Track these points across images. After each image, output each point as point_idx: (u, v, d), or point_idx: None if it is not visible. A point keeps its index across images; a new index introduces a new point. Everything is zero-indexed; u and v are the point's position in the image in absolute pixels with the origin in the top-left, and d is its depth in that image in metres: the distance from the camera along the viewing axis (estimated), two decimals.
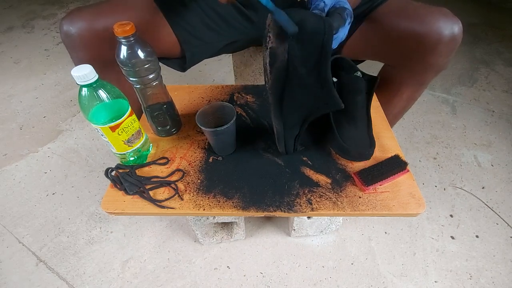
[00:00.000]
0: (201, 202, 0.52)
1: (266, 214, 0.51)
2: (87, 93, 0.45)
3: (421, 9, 0.58)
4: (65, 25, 0.55)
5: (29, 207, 0.90)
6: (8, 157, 1.05)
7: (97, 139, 1.10)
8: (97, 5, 0.58)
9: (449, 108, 1.21)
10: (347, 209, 0.51)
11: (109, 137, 0.51)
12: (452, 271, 0.75)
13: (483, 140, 1.07)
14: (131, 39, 0.46)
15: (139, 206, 0.52)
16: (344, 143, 0.56)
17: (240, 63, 0.95)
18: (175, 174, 0.56)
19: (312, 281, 0.73)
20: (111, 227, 0.85)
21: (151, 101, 0.57)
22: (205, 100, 0.73)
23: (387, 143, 0.61)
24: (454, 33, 0.56)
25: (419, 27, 0.56)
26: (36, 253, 0.80)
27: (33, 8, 2.04)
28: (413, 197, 0.52)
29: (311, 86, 0.48)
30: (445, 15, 0.56)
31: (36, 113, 1.23)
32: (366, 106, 0.60)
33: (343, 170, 0.56)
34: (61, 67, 1.50)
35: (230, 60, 0.97)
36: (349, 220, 0.85)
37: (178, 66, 0.74)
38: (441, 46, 0.56)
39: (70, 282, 0.74)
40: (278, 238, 0.81)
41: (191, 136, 0.64)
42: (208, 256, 0.78)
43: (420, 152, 1.03)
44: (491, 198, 0.89)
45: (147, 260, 0.78)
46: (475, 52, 1.51)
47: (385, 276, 0.74)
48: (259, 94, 0.74)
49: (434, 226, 0.83)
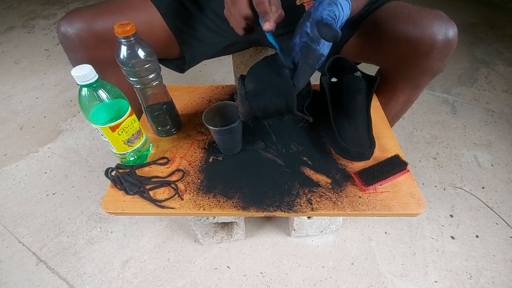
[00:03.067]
0: (201, 202, 0.52)
1: (266, 214, 0.51)
2: (87, 93, 0.45)
3: (416, 13, 0.56)
4: (63, 26, 0.55)
5: (29, 207, 0.90)
6: (8, 157, 1.05)
7: (97, 139, 1.10)
8: (95, 6, 0.58)
9: (449, 108, 1.21)
10: (347, 209, 0.51)
11: (109, 137, 0.51)
12: (452, 271, 0.75)
13: (483, 140, 1.07)
14: (131, 39, 0.46)
15: (139, 206, 0.52)
16: (344, 143, 0.56)
17: (240, 63, 0.95)
18: (175, 174, 0.56)
19: (312, 281, 0.73)
20: (111, 227, 0.85)
21: (151, 101, 0.57)
22: (205, 100, 0.73)
23: (387, 143, 0.61)
24: (449, 37, 0.54)
25: (413, 32, 0.55)
26: (36, 253, 0.80)
27: (33, 8, 2.04)
28: (413, 197, 0.52)
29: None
30: (439, 19, 0.55)
31: (36, 113, 1.23)
32: (366, 106, 0.60)
33: (343, 170, 0.56)
34: (61, 67, 1.50)
35: (230, 60, 0.97)
36: (349, 220, 0.85)
37: (176, 67, 0.73)
38: (435, 50, 0.55)
39: (70, 282, 0.74)
40: (278, 238, 0.81)
41: (191, 136, 0.64)
42: (208, 256, 0.78)
43: (420, 152, 1.04)
44: (491, 198, 0.89)
45: (147, 260, 0.78)
46: (475, 52, 1.51)
47: (385, 276, 0.74)
48: None
49: (434, 226, 0.83)
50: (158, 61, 0.54)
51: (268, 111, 0.46)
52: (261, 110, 0.46)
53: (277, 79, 0.45)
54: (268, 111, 0.47)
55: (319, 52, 0.44)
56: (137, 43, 0.47)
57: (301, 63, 0.45)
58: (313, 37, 0.43)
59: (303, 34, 0.44)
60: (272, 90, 0.45)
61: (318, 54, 0.44)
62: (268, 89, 0.45)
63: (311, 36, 0.43)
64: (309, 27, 0.43)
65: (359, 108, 0.59)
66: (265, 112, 0.47)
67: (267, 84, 0.46)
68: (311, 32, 0.43)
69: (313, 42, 0.43)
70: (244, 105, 0.46)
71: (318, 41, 0.43)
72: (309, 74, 0.46)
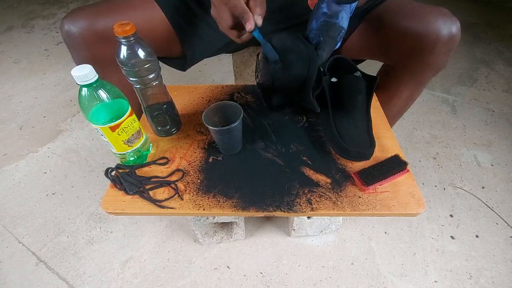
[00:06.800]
0: (201, 202, 0.52)
1: (266, 214, 0.51)
2: (87, 93, 0.45)
3: (420, 8, 0.58)
4: (66, 24, 0.55)
5: (29, 207, 0.90)
6: (8, 157, 1.05)
7: (97, 139, 1.10)
8: (98, 5, 0.58)
9: (449, 108, 1.21)
10: (347, 209, 0.51)
11: (109, 137, 0.51)
12: (452, 271, 0.75)
13: (483, 140, 1.07)
14: (131, 39, 0.46)
15: (139, 206, 0.52)
16: (344, 143, 0.56)
17: (240, 63, 0.95)
18: (175, 174, 0.56)
19: (312, 281, 0.73)
20: (111, 227, 0.85)
21: (151, 101, 0.57)
22: (205, 100, 0.73)
23: (387, 143, 0.61)
24: (452, 32, 0.56)
25: (418, 27, 0.56)
26: (36, 253, 0.80)
27: (33, 8, 2.04)
28: (413, 197, 0.52)
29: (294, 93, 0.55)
30: (443, 15, 0.56)
31: (36, 113, 1.23)
32: (366, 106, 0.60)
33: (343, 170, 0.56)
34: (61, 67, 1.50)
35: (230, 60, 0.97)
36: (349, 220, 0.85)
37: (178, 66, 0.74)
38: (439, 45, 0.57)
39: (70, 282, 0.74)
40: (278, 238, 0.81)
41: (191, 136, 0.64)
42: (208, 256, 0.78)
43: (420, 152, 1.03)
44: (491, 198, 0.89)
45: (147, 260, 0.78)
46: (475, 52, 1.51)
47: (385, 276, 0.74)
48: (259, 94, 0.74)
49: (434, 226, 0.83)
50: (159, 60, 0.54)
51: (290, 73, 0.50)
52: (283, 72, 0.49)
53: (302, 46, 0.48)
54: (290, 74, 0.50)
55: (339, 25, 0.50)
56: (137, 43, 0.47)
57: (323, 37, 0.50)
58: (331, 13, 0.50)
59: (319, 16, 0.50)
60: (298, 54, 0.48)
61: (338, 26, 0.50)
62: (294, 51, 0.49)
63: (329, 14, 0.49)
64: (325, 7, 0.49)
65: (359, 108, 0.59)
66: (285, 75, 0.50)
67: (292, 47, 0.49)
68: (329, 10, 0.49)
69: (332, 18, 0.50)
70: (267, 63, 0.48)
71: (337, 15, 0.49)
72: (331, 46, 0.52)
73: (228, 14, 0.48)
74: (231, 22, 0.48)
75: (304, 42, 0.50)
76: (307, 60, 0.48)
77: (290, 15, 0.52)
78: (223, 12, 0.48)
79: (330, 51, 0.51)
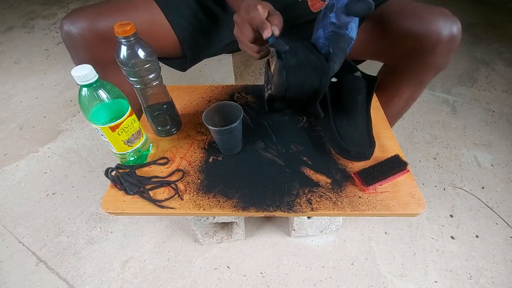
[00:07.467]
0: (201, 202, 0.52)
1: (266, 214, 0.51)
2: (87, 93, 0.45)
3: (421, 9, 0.58)
4: (66, 25, 0.55)
5: (29, 207, 0.90)
6: (8, 157, 1.05)
7: (97, 139, 1.10)
8: (98, 5, 0.58)
9: (449, 108, 1.21)
10: (347, 209, 0.51)
11: (109, 137, 0.51)
12: (452, 271, 0.75)
13: (483, 140, 1.07)
14: (131, 39, 0.46)
15: (139, 206, 0.52)
16: (344, 143, 0.56)
17: (240, 63, 0.95)
18: (175, 174, 0.56)
19: (312, 281, 0.73)
20: (111, 227, 0.85)
21: (151, 101, 0.57)
22: (205, 100, 0.73)
23: (387, 143, 0.61)
24: (453, 33, 0.56)
25: (419, 27, 0.57)
26: (36, 253, 0.80)
27: (33, 8, 2.04)
28: (413, 197, 0.52)
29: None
30: (444, 15, 0.56)
31: (36, 113, 1.23)
32: (366, 106, 0.60)
33: (343, 170, 0.56)
34: (61, 67, 1.50)
35: (230, 60, 0.97)
36: (349, 220, 0.85)
37: (178, 66, 0.74)
38: (440, 45, 0.57)
39: (70, 282, 0.74)
40: (278, 238, 0.81)
41: (191, 136, 0.64)
42: (208, 256, 0.78)
43: (420, 152, 1.03)
44: (491, 198, 0.89)
45: (147, 260, 0.78)
46: (475, 52, 1.51)
47: (385, 276, 0.74)
48: (259, 94, 0.74)
49: (434, 226, 0.83)
50: (159, 60, 0.54)
51: (302, 87, 0.51)
52: (296, 85, 0.50)
53: (315, 59, 0.48)
54: (302, 88, 0.51)
55: (349, 36, 0.50)
56: (137, 43, 0.47)
57: (333, 49, 0.50)
58: (340, 24, 0.49)
59: (327, 25, 0.50)
60: (311, 66, 0.49)
61: (348, 37, 0.50)
62: (308, 64, 0.49)
63: (338, 24, 0.49)
64: (333, 17, 0.49)
65: (359, 108, 0.59)
66: (298, 88, 0.51)
67: (306, 61, 0.49)
68: (338, 20, 0.49)
69: (341, 29, 0.49)
70: (281, 77, 0.49)
71: (346, 26, 0.49)
72: (342, 57, 0.52)
73: (249, 29, 0.50)
74: (252, 36, 0.51)
75: (315, 53, 0.51)
76: (320, 73, 0.49)
77: (290, 16, 0.52)
78: (245, 28, 0.51)
79: (340, 63, 0.52)
